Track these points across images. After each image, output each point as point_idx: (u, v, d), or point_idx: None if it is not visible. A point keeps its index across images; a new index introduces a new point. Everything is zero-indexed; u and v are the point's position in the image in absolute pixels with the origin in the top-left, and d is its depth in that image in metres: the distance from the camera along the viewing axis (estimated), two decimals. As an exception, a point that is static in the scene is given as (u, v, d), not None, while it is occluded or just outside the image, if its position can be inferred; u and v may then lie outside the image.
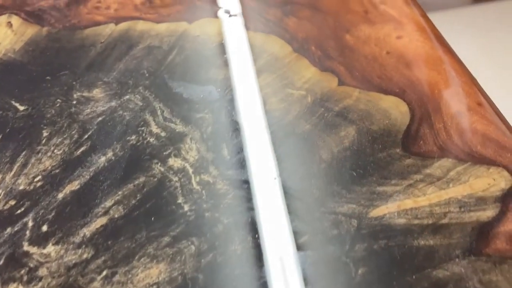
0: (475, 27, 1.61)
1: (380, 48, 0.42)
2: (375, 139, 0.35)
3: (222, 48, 0.44)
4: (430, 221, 0.31)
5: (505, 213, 0.31)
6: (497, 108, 0.36)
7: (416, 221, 0.31)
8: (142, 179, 0.35)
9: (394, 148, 0.35)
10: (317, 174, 0.34)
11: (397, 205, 0.32)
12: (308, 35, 0.44)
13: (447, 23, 1.61)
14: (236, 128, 0.37)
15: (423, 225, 0.31)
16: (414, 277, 0.28)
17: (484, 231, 0.30)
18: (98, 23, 0.47)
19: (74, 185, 0.35)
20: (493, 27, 1.58)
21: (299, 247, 0.30)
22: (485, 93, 0.38)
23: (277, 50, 0.43)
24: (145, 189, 0.34)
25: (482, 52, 1.51)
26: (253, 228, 0.31)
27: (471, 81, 0.38)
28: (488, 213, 0.31)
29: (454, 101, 0.37)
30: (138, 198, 0.34)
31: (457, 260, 0.29)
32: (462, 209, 0.31)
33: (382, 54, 0.41)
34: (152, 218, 0.32)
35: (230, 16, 0.47)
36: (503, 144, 0.34)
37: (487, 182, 0.32)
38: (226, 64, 0.42)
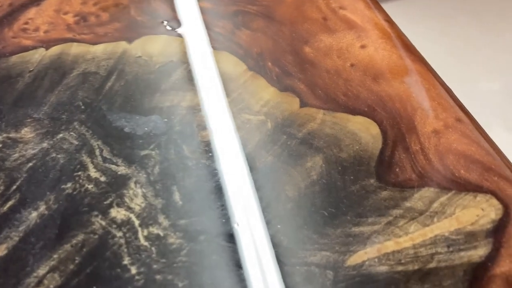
0: (430, 15, 1.59)
1: (344, 60, 0.37)
2: (346, 169, 0.31)
3: (167, 69, 0.38)
4: (416, 267, 0.26)
5: (498, 250, 0.27)
6: (478, 123, 0.32)
7: (400, 268, 0.27)
8: (80, 237, 0.29)
9: (368, 178, 0.30)
10: (284, 217, 0.29)
11: (377, 249, 0.27)
12: (263, 49, 0.39)
13: (411, 9, 1.58)
14: (188, 166, 0.32)
15: (408, 272, 0.26)
16: None
17: (477, 274, 0.26)
18: (26, 48, 0.41)
19: (1, 250, 0.29)
20: (449, 14, 1.56)
21: (268, 312, 0.25)
22: (463, 106, 0.34)
23: (230, 69, 0.38)
24: (84, 250, 0.29)
25: (439, 40, 1.49)
26: (213, 291, 0.26)
27: (446, 93, 0.34)
28: (480, 252, 0.27)
29: (430, 118, 0.33)
30: (76, 261, 0.28)
31: (450, 313, 0.25)
32: (451, 249, 0.27)
33: (346, 67, 0.37)
34: (94, 287, 0.27)
35: (174, 30, 0.42)
36: (488, 166, 0.30)
37: (476, 213, 0.28)
38: (173, 88, 0.37)
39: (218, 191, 0.30)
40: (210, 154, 0.33)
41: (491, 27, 1.56)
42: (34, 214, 0.31)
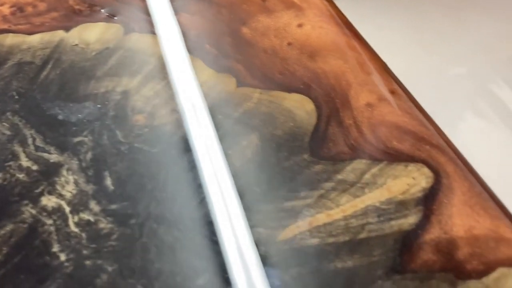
0: (395, 5, 1.60)
1: (281, 39, 0.37)
2: (280, 146, 0.31)
3: (103, 56, 0.38)
4: (347, 238, 0.26)
5: (428, 217, 0.27)
6: (412, 95, 0.32)
7: (331, 239, 0.26)
8: (9, 227, 0.29)
9: (302, 154, 0.30)
10: (216, 196, 0.29)
11: (308, 222, 0.27)
12: (202, 32, 0.39)
13: (369, 3, 1.59)
14: (121, 151, 0.31)
15: (339, 244, 0.26)
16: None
17: (407, 242, 0.26)
18: (-41, 41, 0.40)
19: None
20: (413, 3, 1.57)
21: (197, 291, 0.25)
22: (398, 79, 0.33)
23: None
24: (12, 240, 0.28)
25: (404, 29, 1.50)
26: (146, 275, 0.26)
27: (382, 67, 0.34)
28: (410, 220, 0.27)
29: (364, 92, 0.33)
30: (4, 252, 0.27)
31: (380, 282, 0.25)
32: (382, 219, 0.27)
33: (283, 47, 0.37)
34: (22, 276, 0.26)
35: (114, 18, 0.41)
36: (421, 136, 0.30)
37: (407, 182, 0.28)
38: (108, 74, 0.36)
39: (151, 174, 0.30)
40: (144, 137, 0.32)
41: (454, 13, 1.57)
42: (-37, 207, 0.30)
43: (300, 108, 0.33)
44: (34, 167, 0.32)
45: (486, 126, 1.32)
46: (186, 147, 0.31)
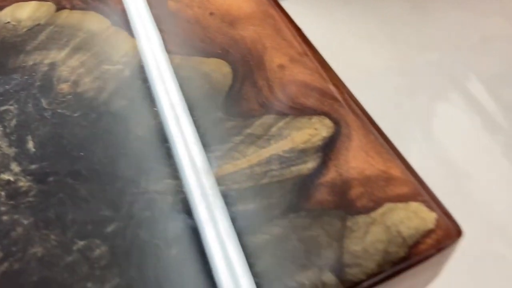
0: None
1: (204, 10, 0.39)
2: (196, 106, 0.32)
3: (33, 32, 0.39)
4: (251, 184, 0.28)
5: (326, 162, 0.29)
6: (322, 57, 0.34)
7: (235, 186, 0.28)
8: None
9: (215, 112, 0.32)
10: (130, 154, 0.30)
11: (215, 173, 0.29)
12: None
13: None
14: (44, 116, 0.33)
15: (242, 189, 0.28)
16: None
17: (305, 185, 0.28)
18: None
19: None
20: None
21: (105, 237, 0.26)
22: (311, 42, 0.35)
23: (95, 27, 0.39)
24: None
25: (371, 19, 1.53)
26: (59, 225, 0.27)
27: (295, 32, 0.36)
28: (309, 165, 0.29)
29: (278, 54, 0.35)
30: None
31: (276, 220, 0.26)
32: (283, 165, 0.29)
33: (205, 16, 0.38)
34: None
35: (45, -3, 0.42)
36: (325, 91, 0.32)
37: (309, 133, 0.30)
38: (37, 48, 0.38)
39: (70, 136, 0.31)
40: (66, 103, 0.33)
41: (418, 2, 1.60)
42: None
43: (217, 71, 0.35)
44: (-40, 135, 0.33)
45: (453, 111, 1.35)
46: (105, 111, 0.33)
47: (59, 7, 0.41)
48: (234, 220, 0.27)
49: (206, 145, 0.30)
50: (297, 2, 1.64)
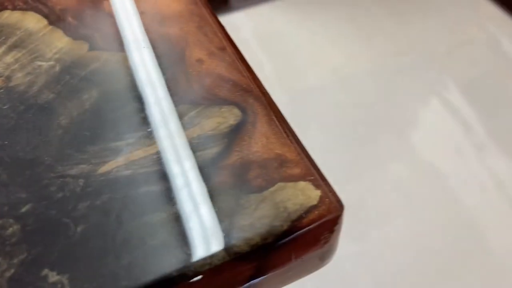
0: (339, 2, 1.66)
1: (136, 7, 0.41)
2: (117, 98, 0.35)
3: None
4: (156, 168, 0.30)
5: (230, 147, 0.31)
6: (240, 52, 0.37)
7: (142, 170, 0.30)
8: None
9: (134, 103, 0.34)
10: (52, 142, 0.32)
11: (126, 158, 0.31)
12: (67, 6, 0.42)
13: (315, 2, 1.65)
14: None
15: (148, 173, 0.30)
16: (130, 225, 0.28)
17: (207, 167, 0.30)
18: None
19: None
20: (361, 3, 1.63)
21: (18, 217, 0.29)
22: (230, 38, 0.38)
23: (32, 26, 0.41)
24: None
25: (348, 24, 1.56)
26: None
27: (217, 28, 0.38)
28: (214, 150, 0.31)
29: (198, 49, 0.37)
30: None
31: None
32: (191, 150, 0.31)
33: (136, 15, 0.41)
34: None
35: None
36: (238, 83, 0.34)
37: (217, 121, 0.32)
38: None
39: (2, 127, 0.34)
40: (0, 98, 0.36)
41: (394, 8, 1.63)
42: None
43: (141, 65, 0.37)
44: None
45: (426, 114, 1.37)
46: (33, 103, 0.35)
47: (1, 8, 0.43)
48: (135, 202, 0.29)
49: (121, 133, 0.33)
50: (278, 6, 1.67)
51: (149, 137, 0.32)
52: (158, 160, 0.31)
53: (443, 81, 1.44)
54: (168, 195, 0.29)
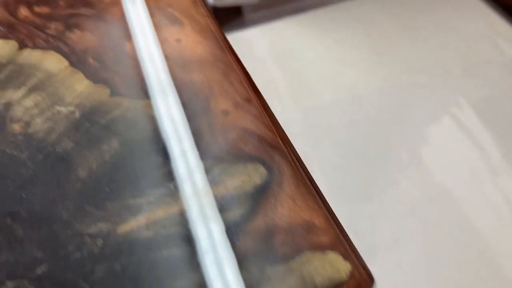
0: (365, 17, 1.66)
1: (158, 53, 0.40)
2: (137, 150, 0.34)
3: (-6, 71, 0.40)
4: (178, 229, 0.29)
5: (254, 209, 0.30)
6: (266, 103, 0.36)
7: (163, 231, 0.29)
8: None
9: (157, 156, 0.33)
10: (70, 196, 0.31)
11: (146, 217, 0.30)
12: (88, 46, 0.42)
13: (338, 16, 1.65)
14: (-7, 156, 0.34)
15: (170, 235, 0.29)
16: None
17: (230, 231, 0.29)
18: None
19: None
20: (383, 14, 1.62)
21: (34, 279, 0.27)
22: (256, 87, 0.37)
23: (53, 66, 0.40)
24: None
25: (365, 41, 1.55)
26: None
27: (242, 76, 0.37)
28: (238, 212, 0.30)
29: (223, 98, 0.36)
30: None
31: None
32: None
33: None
34: None
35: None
36: (264, 137, 0.33)
37: (242, 179, 0.31)
38: (-4, 87, 0.39)
39: (15, 176, 0.33)
40: (16, 144, 0.35)
41: (408, 25, 1.62)
42: None
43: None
44: None
45: (440, 135, 1.35)
46: (51, 152, 0.34)
47: (22, 46, 0.43)
48: (156, 267, 0.27)
49: (141, 188, 0.31)
50: (292, 22, 1.66)
51: (171, 194, 0.31)
52: (181, 221, 0.29)
53: (458, 101, 1.42)
54: (190, 260, 0.28)
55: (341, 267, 0.27)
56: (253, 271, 0.27)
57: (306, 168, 0.31)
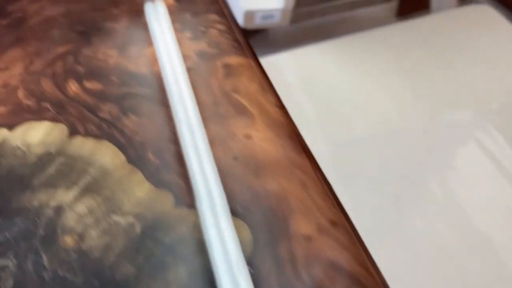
0: (399, 45, 1.60)
1: (226, 152, 0.36)
2: (209, 280, 0.29)
3: (42, 163, 0.36)
4: None
5: None
6: (355, 227, 0.31)
7: None
8: None
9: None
10: None
11: None
12: (147, 137, 0.37)
13: (371, 43, 1.60)
14: (44, 280, 0.30)
15: None
16: None
17: None
18: None
19: None
20: (418, 43, 1.57)
21: None
22: (342, 206, 0.32)
23: (108, 161, 0.36)
24: None
25: (405, 70, 1.50)
26: None
27: (327, 192, 0.33)
28: None
29: (304, 219, 0.31)
30: None
31: None
32: None
33: (227, 161, 0.35)
34: None
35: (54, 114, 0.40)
36: (356, 277, 0.28)
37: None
38: (45, 184, 0.35)
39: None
40: (69, 264, 0.30)
41: (441, 53, 1.57)
42: None
43: (238, 233, 0.31)
44: (-50, 295, 0.30)
45: (478, 175, 1.29)
46: (110, 278, 0.29)
47: (72, 131, 0.38)
48: None
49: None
50: (323, 48, 1.62)
51: None
52: None
53: (496, 139, 1.36)
54: None
55: None
56: None
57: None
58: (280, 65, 1.56)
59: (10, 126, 0.40)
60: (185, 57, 0.43)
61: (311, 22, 1.72)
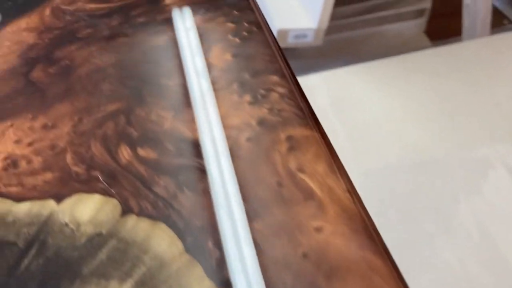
0: (433, 71, 1.56)
1: (295, 247, 0.32)
2: None
3: (93, 245, 0.33)
4: None
5: None
6: None
7: None
8: None
9: None
10: None
11: None
12: (206, 221, 0.34)
13: (404, 68, 1.56)
14: None
15: None
16: None
17: None
18: None
19: None
20: (452, 70, 1.53)
21: None
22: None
23: (164, 249, 0.33)
24: None
25: (439, 97, 1.45)
26: None
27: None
28: None
29: None
30: None
31: None
32: None
33: (296, 258, 0.32)
34: None
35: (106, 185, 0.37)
36: None
37: None
38: (95, 273, 0.32)
39: None
40: None
41: (475, 78, 1.52)
42: None
43: None
44: None
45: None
46: None
47: (125, 209, 0.35)
48: None
49: None
50: (355, 70, 1.58)
51: None
52: None
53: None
54: None
55: None
56: None
57: None
58: (311, 86, 1.53)
59: (58, 198, 0.36)
60: (245, 125, 0.40)
61: (340, 35, 1.69)
